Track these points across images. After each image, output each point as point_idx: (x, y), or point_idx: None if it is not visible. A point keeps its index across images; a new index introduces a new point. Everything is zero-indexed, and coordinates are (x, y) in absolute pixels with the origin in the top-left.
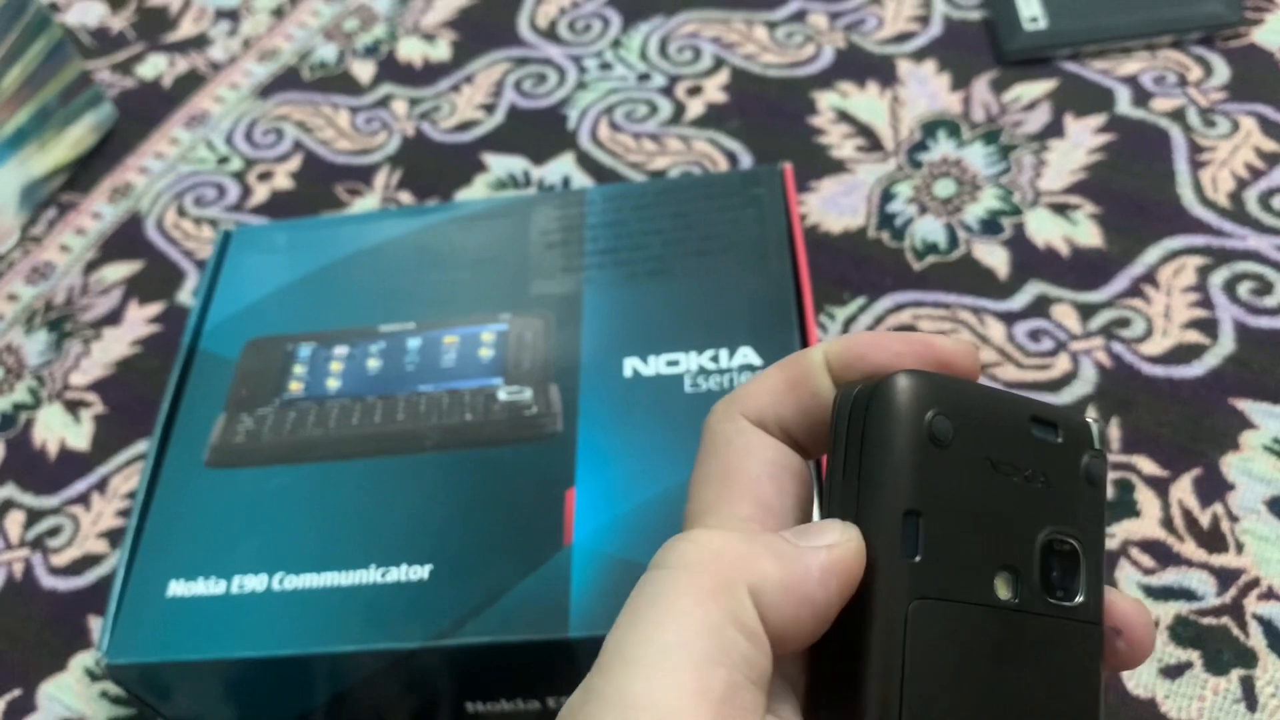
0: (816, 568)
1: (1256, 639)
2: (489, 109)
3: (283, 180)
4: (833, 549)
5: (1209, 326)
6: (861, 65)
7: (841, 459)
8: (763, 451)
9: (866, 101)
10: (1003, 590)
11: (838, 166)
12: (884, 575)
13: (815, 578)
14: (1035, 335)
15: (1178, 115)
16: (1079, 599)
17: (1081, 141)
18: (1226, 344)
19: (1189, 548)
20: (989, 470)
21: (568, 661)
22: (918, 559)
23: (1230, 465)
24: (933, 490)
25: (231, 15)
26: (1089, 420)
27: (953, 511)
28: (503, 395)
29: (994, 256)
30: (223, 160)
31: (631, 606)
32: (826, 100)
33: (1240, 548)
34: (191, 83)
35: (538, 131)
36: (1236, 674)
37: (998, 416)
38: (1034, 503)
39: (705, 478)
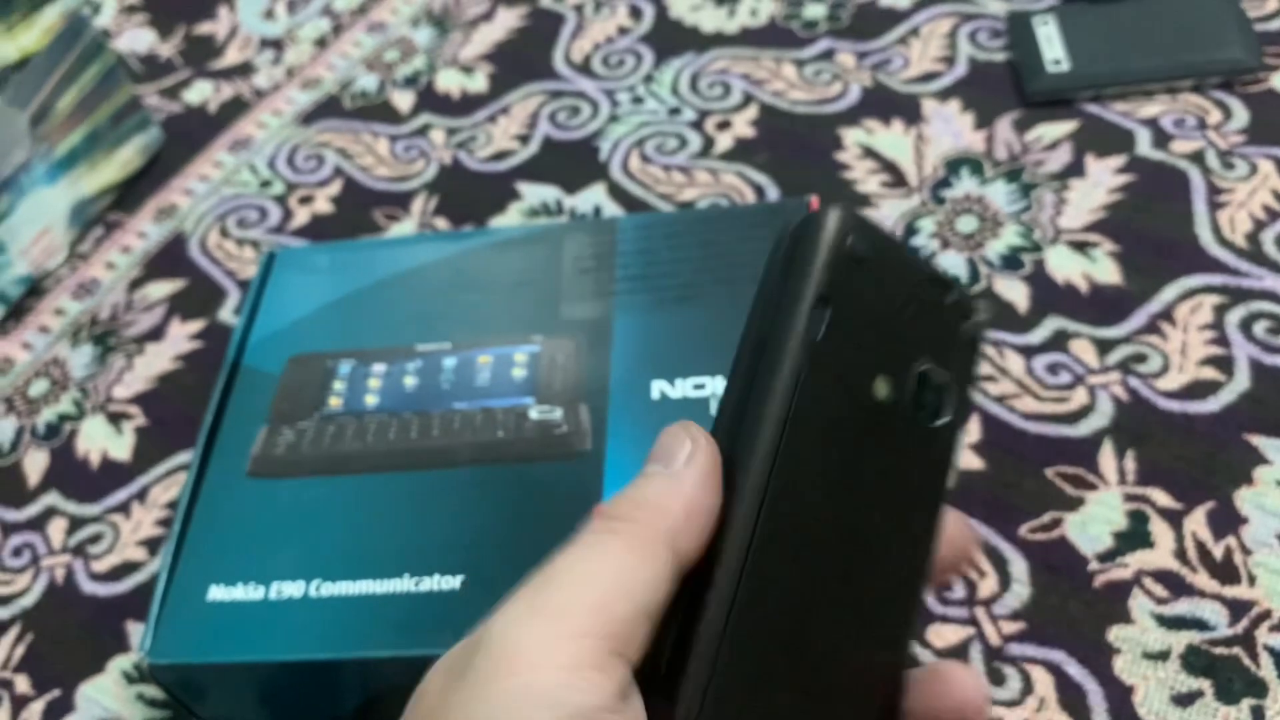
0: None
1: (1267, 669)
2: (524, 140)
3: (323, 204)
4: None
5: (1225, 364)
6: (887, 103)
7: (774, 273)
8: None
9: (892, 139)
10: (881, 389)
11: (863, 201)
12: (789, 353)
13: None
14: (1053, 369)
15: (1197, 157)
16: (943, 419)
17: (1102, 181)
18: (1242, 381)
19: (1202, 579)
20: (888, 299)
21: None
22: (819, 339)
23: (1244, 499)
24: (841, 291)
25: (276, 44)
26: (977, 296)
27: (854, 315)
28: (534, 414)
29: (1014, 291)
30: (265, 184)
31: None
32: (852, 136)
33: (1252, 580)
34: (236, 109)
35: (571, 162)
36: (1247, 703)
37: (902, 263)
38: (918, 338)
39: None
